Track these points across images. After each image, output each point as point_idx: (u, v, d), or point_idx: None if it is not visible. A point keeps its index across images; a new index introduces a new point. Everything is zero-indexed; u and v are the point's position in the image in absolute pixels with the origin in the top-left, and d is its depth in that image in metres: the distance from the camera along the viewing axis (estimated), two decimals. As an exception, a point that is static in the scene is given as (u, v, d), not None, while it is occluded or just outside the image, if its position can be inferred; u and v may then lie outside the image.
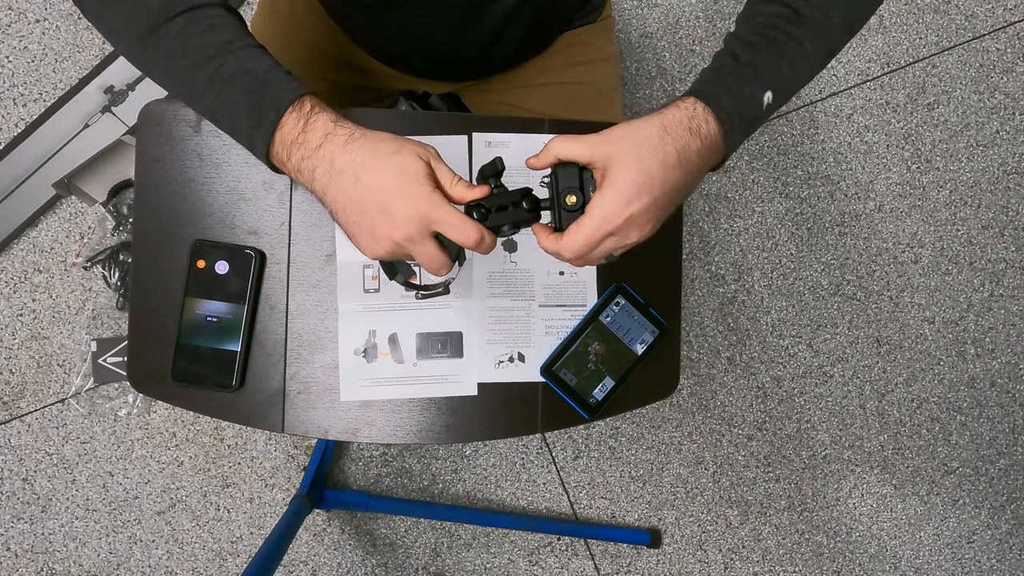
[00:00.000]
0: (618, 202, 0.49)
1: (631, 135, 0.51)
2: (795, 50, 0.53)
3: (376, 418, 0.73)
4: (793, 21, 0.53)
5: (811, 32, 0.53)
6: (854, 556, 1.58)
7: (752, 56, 0.53)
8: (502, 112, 0.90)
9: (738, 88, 0.52)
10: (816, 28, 0.53)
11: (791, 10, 0.53)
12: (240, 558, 1.41)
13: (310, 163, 0.52)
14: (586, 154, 0.51)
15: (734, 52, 0.54)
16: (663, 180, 0.50)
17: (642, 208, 0.50)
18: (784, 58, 0.53)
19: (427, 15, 0.72)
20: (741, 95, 0.52)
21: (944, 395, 1.62)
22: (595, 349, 0.75)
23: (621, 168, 0.49)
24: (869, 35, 1.59)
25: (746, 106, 0.53)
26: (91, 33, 1.37)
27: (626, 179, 0.49)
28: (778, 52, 0.53)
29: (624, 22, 1.53)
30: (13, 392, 1.36)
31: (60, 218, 1.37)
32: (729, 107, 0.52)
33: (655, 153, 0.50)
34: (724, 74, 0.53)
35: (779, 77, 0.53)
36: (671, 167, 0.50)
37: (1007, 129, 1.63)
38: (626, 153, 0.50)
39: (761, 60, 0.53)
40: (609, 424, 1.50)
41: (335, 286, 0.73)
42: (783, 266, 1.57)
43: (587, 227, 0.51)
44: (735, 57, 0.54)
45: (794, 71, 0.54)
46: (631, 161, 0.49)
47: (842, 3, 0.54)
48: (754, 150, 1.56)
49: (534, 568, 1.46)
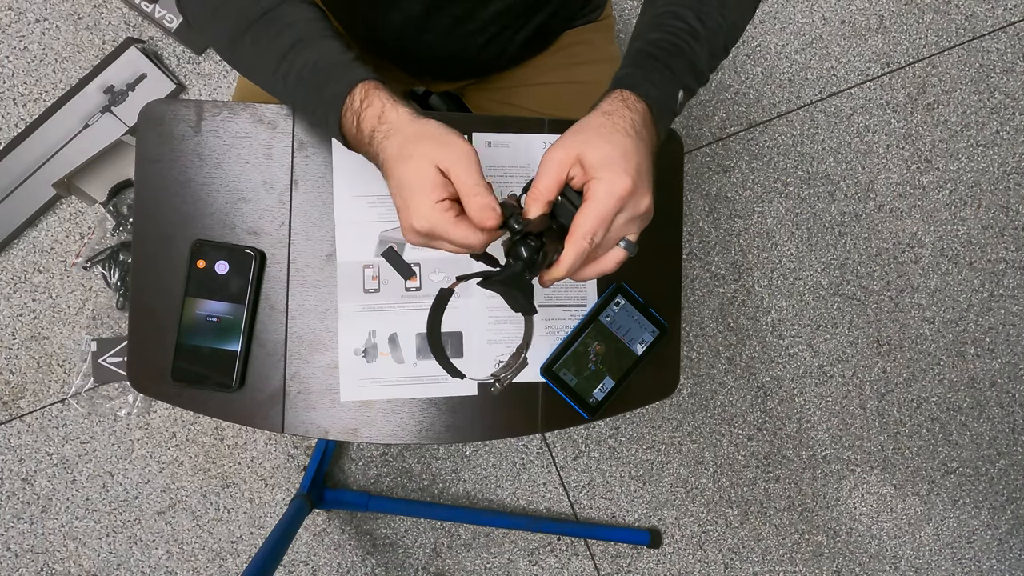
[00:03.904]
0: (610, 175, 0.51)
1: (582, 127, 0.54)
2: (695, 61, 0.61)
3: (376, 418, 0.73)
4: (694, 36, 0.60)
5: (705, 48, 0.61)
6: (854, 556, 1.58)
7: (667, 60, 0.59)
8: (502, 111, 0.90)
9: (660, 84, 0.58)
10: (708, 45, 0.62)
11: (691, 27, 0.60)
12: (240, 558, 1.41)
13: (371, 151, 0.56)
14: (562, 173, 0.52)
15: (653, 55, 0.59)
16: (634, 147, 0.53)
17: (634, 172, 0.51)
18: (688, 67, 0.61)
19: (430, 12, 0.72)
20: (663, 90, 0.58)
21: (944, 395, 1.62)
22: (595, 349, 0.75)
23: (594, 155, 0.51)
24: (869, 35, 1.59)
25: (668, 99, 0.59)
26: (91, 33, 1.37)
27: (604, 158, 0.51)
28: (684, 60, 0.60)
29: (624, 22, 1.53)
30: (13, 392, 1.36)
31: (60, 218, 1.37)
32: (655, 96, 0.57)
33: (612, 129, 0.53)
34: (647, 71, 0.58)
35: (687, 80, 0.60)
36: (630, 136, 0.53)
37: (1007, 129, 1.63)
38: (588, 142, 0.52)
39: (674, 64, 0.59)
40: (609, 424, 1.50)
41: (335, 286, 0.73)
42: (783, 266, 1.57)
43: (595, 206, 0.51)
44: (654, 58, 0.59)
45: (695, 78, 0.62)
46: (597, 141, 0.52)
47: (723, 30, 0.64)
48: (754, 150, 1.56)
49: (534, 568, 1.46)
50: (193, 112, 0.71)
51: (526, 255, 0.51)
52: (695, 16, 0.61)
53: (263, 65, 0.61)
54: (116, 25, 1.38)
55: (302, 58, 0.58)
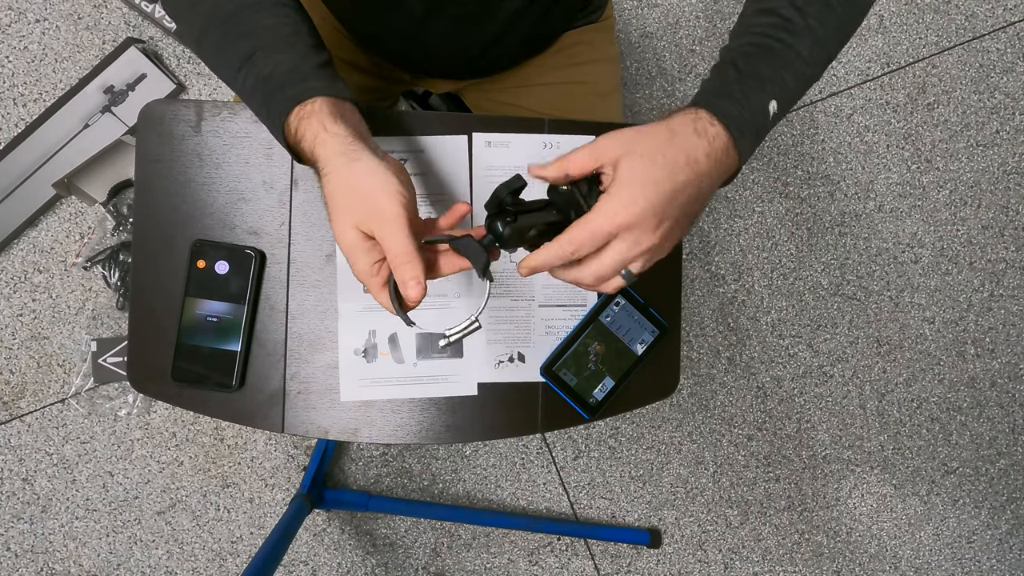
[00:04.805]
0: (625, 198, 0.48)
1: (638, 138, 0.50)
2: (793, 58, 0.53)
3: (376, 418, 0.73)
4: (787, 29, 0.53)
5: (807, 40, 0.54)
6: (854, 556, 1.58)
7: (753, 66, 0.53)
8: (502, 111, 0.90)
9: (743, 96, 0.52)
10: (811, 36, 0.54)
11: (783, 19, 0.54)
12: (240, 558, 1.41)
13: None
14: (596, 163, 0.49)
15: (735, 63, 0.54)
16: (670, 179, 0.48)
17: (650, 207, 0.48)
18: (783, 67, 0.53)
19: (432, 12, 0.72)
20: (747, 103, 0.52)
21: (944, 395, 1.62)
22: (595, 349, 0.75)
23: (627, 168, 0.48)
24: (869, 35, 1.59)
25: (755, 113, 0.52)
26: (91, 33, 1.37)
27: (633, 177, 0.48)
28: (777, 61, 0.53)
29: (624, 22, 1.53)
30: (13, 392, 1.36)
31: (60, 218, 1.37)
32: (736, 114, 0.51)
33: (663, 153, 0.49)
34: (727, 83, 0.53)
35: (782, 85, 0.53)
36: (680, 167, 0.49)
37: (1007, 129, 1.63)
38: (633, 153, 0.48)
39: (762, 69, 0.53)
40: (609, 424, 1.50)
41: (335, 286, 0.73)
42: (783, 266, 1.57)
43: (593, 220, 0.48)
44: (736, 68, 0.53)
45: (796, 79, 0.54)
46: (637, 161, 0.48)
47: (834, 11, 0.55)
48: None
49: (534, 568, 1.46)
50: (193, 112, 0.71)
51: (502, 230, 0.51)
52: (789, 4, 0.54)
53: (224, 70, 0.58)
54: (116, 25, 1.38)
55: (256, 69, 0.55)
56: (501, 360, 0.74)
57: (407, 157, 0.74)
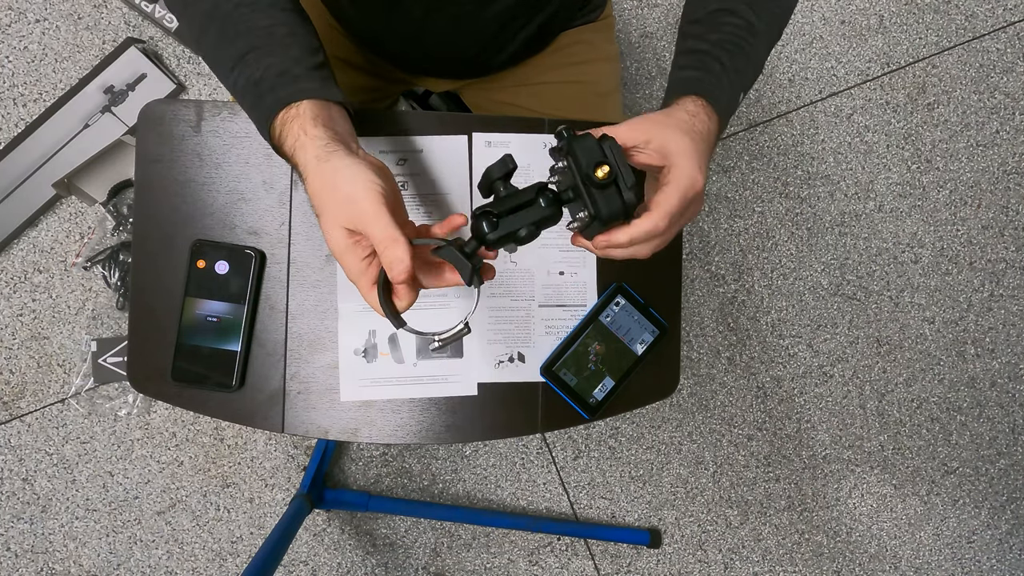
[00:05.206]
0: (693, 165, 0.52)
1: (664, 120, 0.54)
2: (755, 58, 0.61)
3: (376, 418, 0.73)
4: (750, 31, 0.60)
5: (763, 42, 0.61)
6: (854, 556, 1.58)
7: (733, 63, 0.59)
8: (502, 111, 0.90)
9: (729, 89, 0.58)
10: (766, 39, 0.62)
11: (748, 23, 0.60)
12: (240, 558, 1.41)
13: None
14: (643, 136, 0.52)
15: (719, 59, 0.59)
16: (707, 153, 0.54)
17: (704, 171, 0.53)
18: (749, 64, 0.60)
19: (431, 11, 0.72)
20: (730, 96, 0.58)
21: (944, 395, 1.62)
22: (595, 349, 0.75)
23: (676, 138, 0.52)
24: (869, 35, 1.59)
25: (732, 105, 0.59)
26: (91, 33, 1.37)
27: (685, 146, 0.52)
28: (746, 60, 0.60)
29: (624, 22, 1.53)
30: (13, 392, 1.36)
31: (60, 218, 1.37)
32: (725, 104, 0.57)
33: (693, 128, 0.54)
34: (717, 76, 0.58)
35: (748, 80, 0.61)
36: (706, 142, 0.55)
37: (1007, 129, 1.63)
38: (670, 133, 0.52)
39: (739, 66, 0.59)
40: (609, 424, 1.50)
41: (335, 286, 0.73)
42: (783, 266, 1.57)
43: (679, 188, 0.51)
44: (721, 63, 0.59)
45: (752, 76, 0.62)
46: (679, 135, 0.53)
47: (777, 18, 0.63)
48: (754, 150, 1.56)
49: (534, 568, 1.46)
50: (193, 112, 0.71)
51: (487, 230, 0.51)
52: (749, 9, 0.60)
53: (220, 69, 0.59)
54: (116, 25, 1.38)
55: (248, 71, 0.56)
56: (501, 360, 0.74)
57: (407, 157, 0.74)
